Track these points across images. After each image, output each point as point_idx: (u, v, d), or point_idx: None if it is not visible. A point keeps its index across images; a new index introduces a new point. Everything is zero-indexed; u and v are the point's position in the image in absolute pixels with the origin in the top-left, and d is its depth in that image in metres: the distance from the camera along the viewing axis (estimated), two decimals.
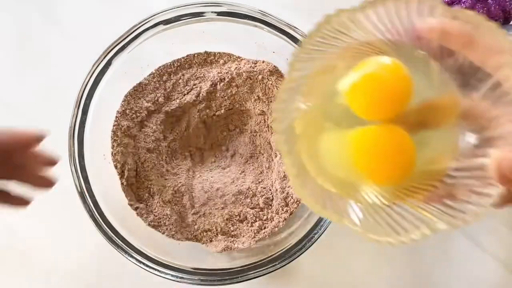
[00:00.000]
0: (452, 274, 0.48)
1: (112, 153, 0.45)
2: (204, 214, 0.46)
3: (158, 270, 0.39)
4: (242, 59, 0.47)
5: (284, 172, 0.46)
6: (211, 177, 0.48)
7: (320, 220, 0.40)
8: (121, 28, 0.42)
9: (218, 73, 0.47)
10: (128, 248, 0.40)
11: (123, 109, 0.46)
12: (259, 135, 0.49)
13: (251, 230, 0.45)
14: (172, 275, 0.39)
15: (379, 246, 0.48)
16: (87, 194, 0.40)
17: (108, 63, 0.42)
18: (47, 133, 0.33)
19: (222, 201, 0.46)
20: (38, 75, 0.51)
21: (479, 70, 0.21)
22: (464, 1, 0.46)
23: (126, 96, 0.46)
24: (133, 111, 0.47)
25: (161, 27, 0.43)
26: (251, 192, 0.46)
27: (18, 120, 0.50)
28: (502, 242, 0.48)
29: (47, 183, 0.34)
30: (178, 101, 0.48)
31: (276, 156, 0.48)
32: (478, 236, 0.48)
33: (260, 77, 0.46)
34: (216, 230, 0.45)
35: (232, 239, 0.45)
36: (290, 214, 0.45)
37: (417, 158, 0.22)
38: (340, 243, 0.48)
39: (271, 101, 0.47)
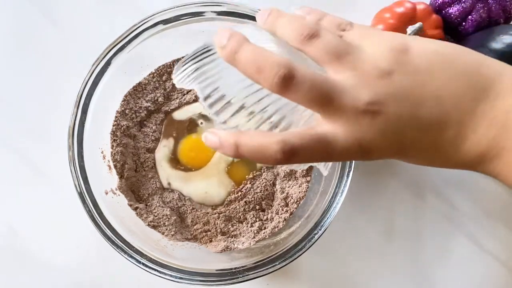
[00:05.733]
0: (452, 274, 0.48)
1: (111, 153, 0.45)
2: (203, 214, 0.46)
3: (157, 271, 0.39)
4: None
5: (284, 172, 0.46)
6: None
7: (320, 220, 0.40)
8: (120, 28, 0.42)
9: None
10: (128, 249, 0.40)
11: (123, 109, 0.46)
12: None
13: (251, 231, 0.45)
14: (171, 276, 0.39)
15: (379, 246, 0.48)
16: (86, 195, 0.40)
17: (108, 63, 0.42)
18: None
19: (222, 201, 0.46)
20: (38, 75, 0.51)
21: None
22: (465, 1, 0.46)
23: (125, 96, 0.46)
24: (132, 111, 0.46)
25: (161, 26, 0.43)
26: (251, 192, 0.46)
27: (18, 120, 0.50)
28: (502, 242, 0.48)
29: None
30: (178, 101, 0.48)
31: None
32: (478, 236, 0.48)
33: None
34: (216, 230, 0.45)
35: (231, 240, 0.44)
36: (290, 214, 0.45)
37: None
38: (340, 243, 0.48)
39: None
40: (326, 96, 0.25)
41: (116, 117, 0.46)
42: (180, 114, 0.48)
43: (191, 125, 0.48)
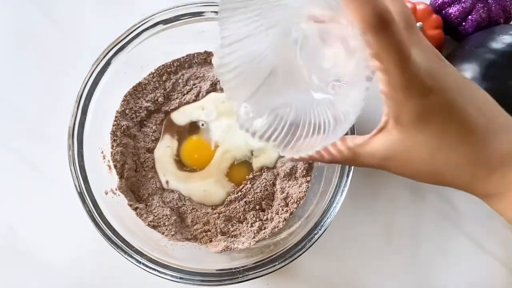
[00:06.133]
0: (452, 274, 0.48)
1: (111, 153, 0.45)
2: (203, 214, 0.46)
3: (157, 271, 0.39)
4: None
5: (284, 172, 0.46)
6: None
7: (320, 220, 0.40)
8: (120, 28, 0.42)
9: None
10: (128, 249, 0.40)
11: (123, 109, 0.46)
12: None
13: (251, 231, 0.45)
14: (171, 276, 0.39)
15: (379, 246, 0.48)
16: (86, 195, 0.40)
17: (108, 63, 0.42)
18: None
19: (222, 201, 0.46)
20: (38, 74, 0.51)
21: None
22: (465, 1, 0.46)
23: (125, 96, 0.46)
24: (132, 111, 0.46)
25: (161, 26, 0.43)
26: (251, 192, 0.46)
27: (18, 120, 0.50)
28: (502, 242, 0.48)
29: None
30: (177, 101, 0.48)
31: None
32: (478, 236, 0.48)
33: None
34: (216, 230, 0.45)
35: (231, 240, 0.44)
36: (290, 214, 0.45)
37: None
38: (340, 243, 0.48)
39: None
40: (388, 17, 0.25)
41: (116, 117, 0.46)
42: (180, 118, 0.48)
43: (192, 126, 0.48)
